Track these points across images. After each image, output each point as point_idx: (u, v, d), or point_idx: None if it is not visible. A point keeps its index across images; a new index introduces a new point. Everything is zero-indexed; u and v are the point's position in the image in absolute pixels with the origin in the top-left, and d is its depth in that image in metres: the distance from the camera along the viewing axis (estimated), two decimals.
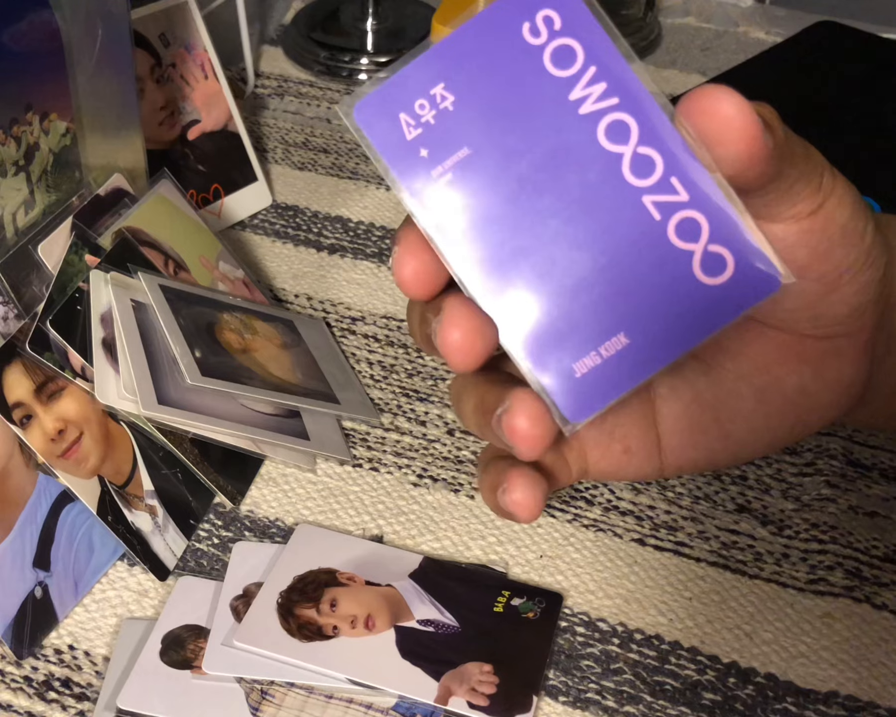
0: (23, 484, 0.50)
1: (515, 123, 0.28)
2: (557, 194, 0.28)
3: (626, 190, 0.28)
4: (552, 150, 0.28)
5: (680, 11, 1.02)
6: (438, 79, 0.29)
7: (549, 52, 0.28)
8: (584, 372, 0.29)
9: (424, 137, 0.29)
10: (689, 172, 0.28)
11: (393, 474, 0.58)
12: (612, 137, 0.28)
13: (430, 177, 0.29)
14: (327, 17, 0.96)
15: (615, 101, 0.28)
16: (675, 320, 0.29)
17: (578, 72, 0.28)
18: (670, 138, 0.28)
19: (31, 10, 0.52)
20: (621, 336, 0.29)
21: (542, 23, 0.28)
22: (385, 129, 0.29)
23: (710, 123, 0.28)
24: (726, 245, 0.28)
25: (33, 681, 0.48)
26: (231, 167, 0.75)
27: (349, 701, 0.47)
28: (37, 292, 0.54)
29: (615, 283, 0.29)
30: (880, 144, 0.79)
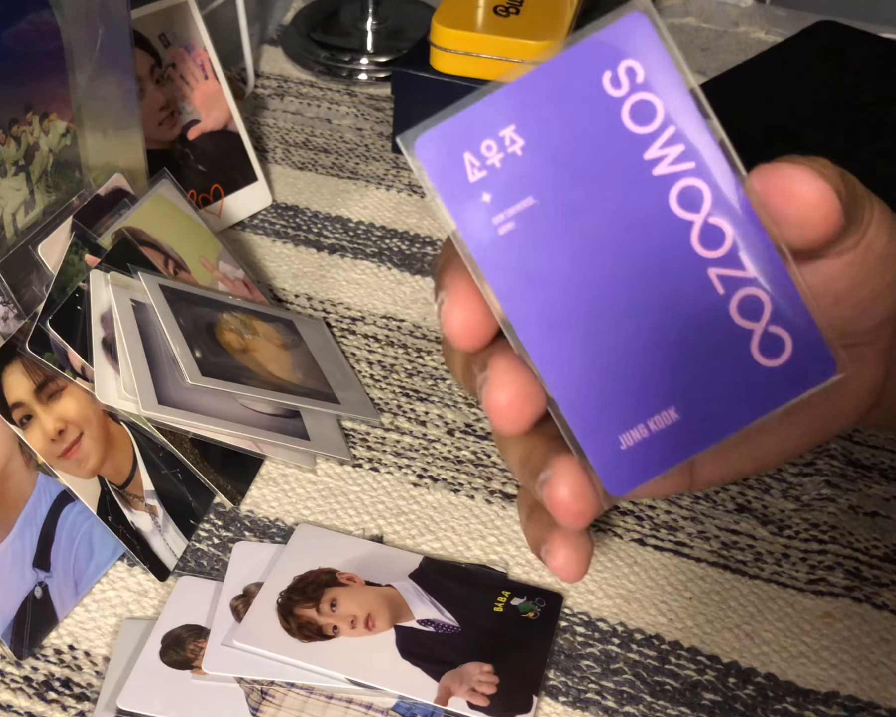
0: (23, 484, 0.50)
1: (586, 177, 0.27)
2: (621, 256, 0.27)
3: (693, 260, 0.27)
4: (621, 209, 0.27)
5: (680, 11, 1.02)
6: (510, 120, 0.27)
7: (628, 106, 0.27)
8: (630, 445, 0.28)
9: (489, 180, 0.27)
10: (758, 248, 0.27)
11: (393, 474, 0.58)
12: (685, 203, 0.27)
13: (491, 224, 0.27)
14: (327, 17, 0.96)
15: (691, 166, 0.27)
16: (726, 399, 0.28)
17: (657, 130, 0.27)
18: (743, 210, 0.27)
19: (31, 10, 0.52)
20: (671, 411, 0.28)
21: (625, 74, 0.27)
22: (447, 167, 0.27)
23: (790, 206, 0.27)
24: (787, 328, 0.27)
25: (33, 681, 0.48)
26: (231, 167, 0.75)
27: (349, 701, 0.47)
28: (37, 292, 0.54)
29: (671, 355, 0.28)
30: (880, 143, 0.79)
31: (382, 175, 0.79)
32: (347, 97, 0.88)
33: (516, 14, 0.79)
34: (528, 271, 0.27)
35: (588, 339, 0.28)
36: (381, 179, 0.79)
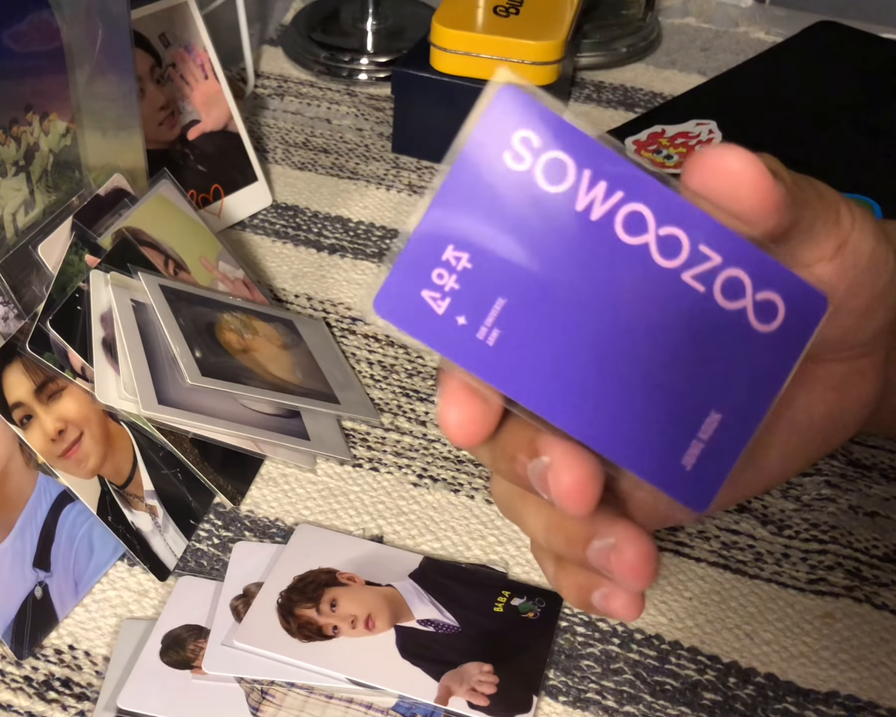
0: (23, 484, 0.50)
1: (536, 254, 0.27)
2: (603, 304, 0.28)
3: (663, 275, 0.28)
4: (581, 264, 0.27)
5: (680, 11, 1.02)
6: (445, 242, 0.27)
7: (539, 173, 0.27)
8: (694, 462, 0.29)
9: (455, 304, 0.27)
10: (714, 234, 0.28)
11: (393, 474, 0.58)
12: (631, 230, 0.27)
13: (478, 341, 0.28)
14: (327, 17, 0.96)
15: (620, 196, 0.27)
16: (752, 377, 0.29)
17: (575, 181, 0.27)
18: (684, 209, 0.28)
19: (31, 10, 0.52)
20: (713, 414, 0.29)
21: (521, 145, 0.27)
22: (412, 312, 0.27)
23: (720, 181, 0.28)
24: (771, 288, 0.28)
25: (33, 681, 0.48)
26: (231, 167, 0.75)
27: (349, 701, 0.47)
28: (37, 292, 0.54)
29: (687, 367, 0.28)
30: (880, 144, 0.79)
31: (382, 175, 0.79)
32: (347, 97, 0.88)
33: (516, 14, 0.79)
34: (532, 362, 0.28)
35: (612, 390, 0.28)
36: (381, 179, 0.79)
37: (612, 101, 0.89)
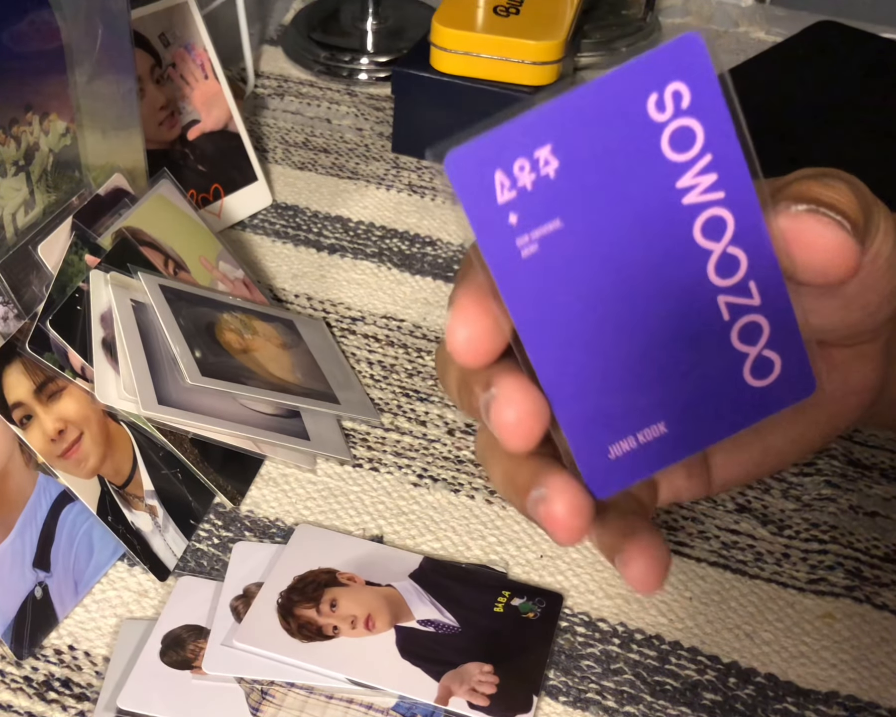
0: (23, 484, 0.50)
1: (616, 203, 0.27)
2: (638, 280, 0.28)
3: (705, 287, 0.28)
4: (645, 235, 0.27)
5: (680, 11, 1.02)
6: (547, 139, 0.26)
7: (669, 132, 0.26)
8: (619, 454, 0.29)
9: (518, 201, 0.26)
10: (768, 279, 0.28)
11: (393, 474, 0.58)
12: (708, 232, 0.27)
13: (515, 246, 0.27)
14: (327, 17, 0.96)
15: (720, 196, 0.27)
16: (713, 414, 0.29)
17: (693, 158, 0.27)
18: (761, 242, 0.28)
19: (31, 10, 0.52)
20: (661, 425, 0.29)
21: (671, 98, 0.26)
22: (476, 186, 0.26)
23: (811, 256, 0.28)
24: (780, 351, 0.28)
25: (33, 681, 0.48)
26: (231, 167, 0.75)
27: (349, 701, 0.47)
28: (37, 292, 0.54)
29: (669, 374, 0.28)
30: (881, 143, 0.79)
31: (382, 175, 0.79)
32: (347, 97, 0.88)
33: (516, 14, 0.79)
34: (545, 294, 0.27)
35: (593, 356, 0.28)
36: (381, 179, 0.79)
37: None
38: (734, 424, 0.29)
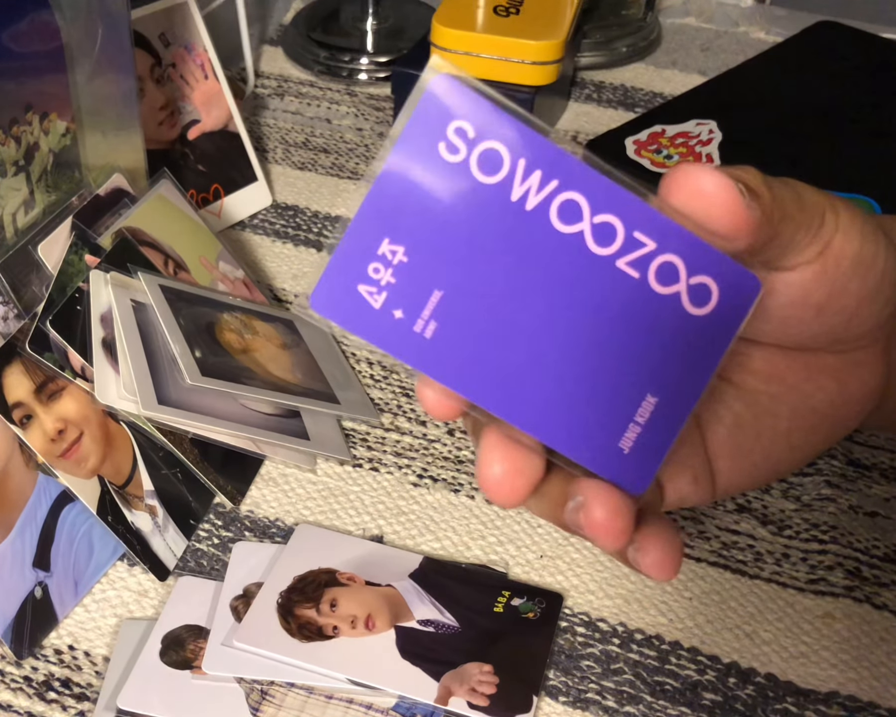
0: (23, 484, 0.50)
1: (472, 245, 0.27)
2: (538, 293, 0.28)
3: (598, 262, 0.28)
4: (516, 254, 0.28)
5: (680, 11, 1.02)
6: (380, 236, 0.27)
7: (474, 163, 0.27)
8: (631, 445, 0.29)
9: (392, 298, 0.27)
10: (649, 221, 0.28)
11: (393, 474, 0.58)
12: (566, 218, 0.28)
13: (415, 334, 0.28)
14: (327, 17, 0.96)
15: (556, 184, 0.27)
16: (687, 359, 0.29)
17: (510, 171, 0.27)
18: (618, 196, 0.28)
19: (31, 10, 0.52)
20: (649, 398, 0.29)
21: (456, 136, 0.27)
22: (349, 307, 0.28)
23: (695, 202, 0.28)
24: (705, 272, 0.28)
25: (33, 681, 0.48)
26: (231, 167, 0.75)
27: (349, 701, 0.47)
28: (37, 292, 0.54)
29: (623, 352, 0.29)
30: (880, 143, 0.79)
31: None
32: (347, 97, 0.88)
33: (516, 14, 0.79)
34: (468, 353, 0.28)
35: (546, 378, 0.28)
36: None
37: (612, 101, 0.89)
38: (710, 356, 0.29)
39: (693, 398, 0.29)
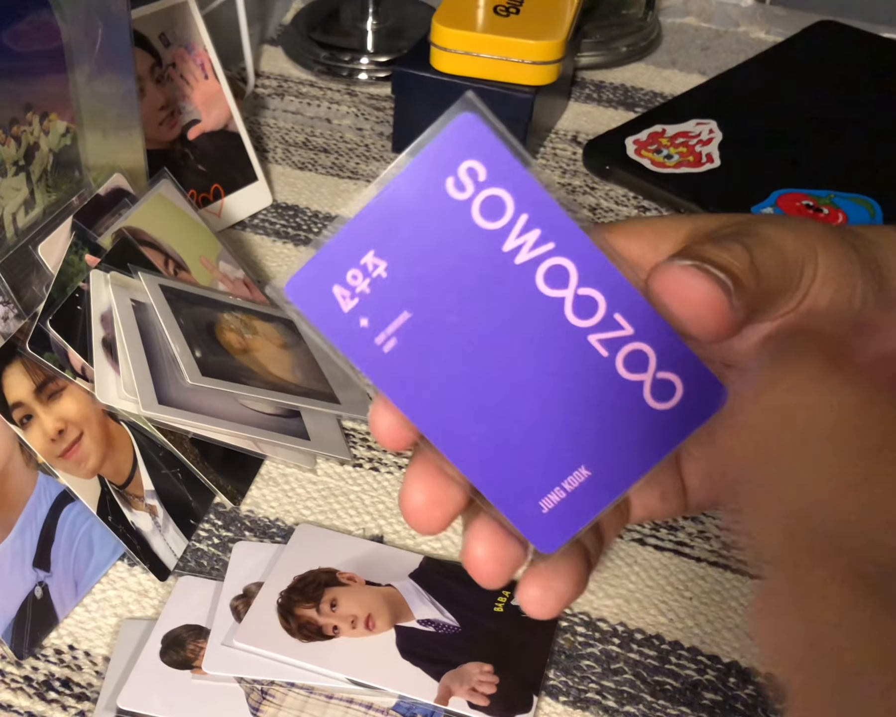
0: (23, 484, 0.50)
1: (451, 280, 0.28)
2: (504, 344, 0.28)
3: (571, 332, 0.28)
4: (492, 302, 0.28)
5: (680, 11, 1.02)
6: (367, 247, 0.28)
7: (477, 206, 0.27)
8: (551, 507, 0.30)
9: (362, 306, 0.28)
10: (632, 307, 0.28)
11: (393, 474, 0.58)
12: (552, 282, 0.28)
13: (374, 345, 0.28)
14: (327, 17, 0.96)
15: (551, 247, 0.28)
16: (632, 447, 0.29)
17: (510, 221, 0.27)
18: (609, 276, 0.28)
19: (31, 10, 0.52)
20: (582, 469, 0.29)
21: (467, 175, 0.27)
22: (320, 303, 0.28)
23: (681, 307, 0.28)
24: (674, 370, 0.29)
25: (33, 681, 0.48)
26: (231, 167, 0.75)
27: (349, 701, 0.47)
28: (37, 292, 0.54)
29: (571, 420, 0.29)
30: (880, 144, 0.79)
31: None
32: (347, 97, 0.88)
33: (516, 14, 0.79)
34: (421, 378, 0.28)
35: (491, 424, 0.29)
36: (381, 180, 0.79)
37: (612, 100, 0.89)
38: (657, 450, 0.29)
39: (626, 483, 0.30)
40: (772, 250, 0.30)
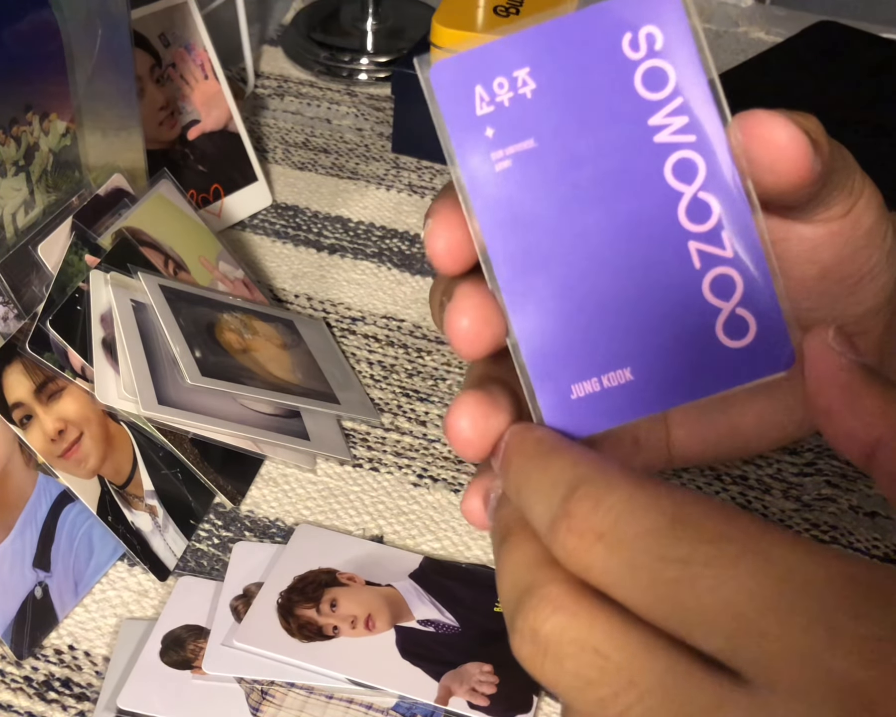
0: (23, 484, 0.50)
1: (589, 131, 0.28)
2: (608, 213, 0.28)
3: (676, 230, 0.28)
4: (617, 168, 0.28)
5: None
6: (526, 62, 0.27)
7: (642, 70, 0.27)
8: (580, 395, 0.28)
9: (495, 116, 0.28)
10: (743, 231, 0.28)
11: (393, 474, 0.58)
12: (679, 174, 0.28)
13: (489, 158, 0.28)
14: (327, 17, 0.96)
15: (692, 139, 0.27)
16: (682, 370, 0.28)
17: (665, 98, 0.27)
18: (732, 192, 0.28)
19: (31, 10, 0.52)
20: (626, 371, 0.28)
21: (644, 39, 0.27)
22: (457, 96, 0.28)
23: (763, 150, 0.28)
24: (754, 313, 0.28)
25: (33, 681, 0.48)
26: (231, 167, 0.75)
27: (349, 701, 0.47)
28: (37, 292, 0.54)
29: (636, 317, 0.28)
30: (880, 144, 0.79)
31: (382, 175, 0.79)
32: (347, 97, 0.88)
33: (516, 14, 0.79)
34: (515, 211, 0.28)
35: (559, 286, 0.28)
36: (381, 179, 0.79)
37: None
38: (705, 385, 0.28)
39: (658, 407, 0.28)
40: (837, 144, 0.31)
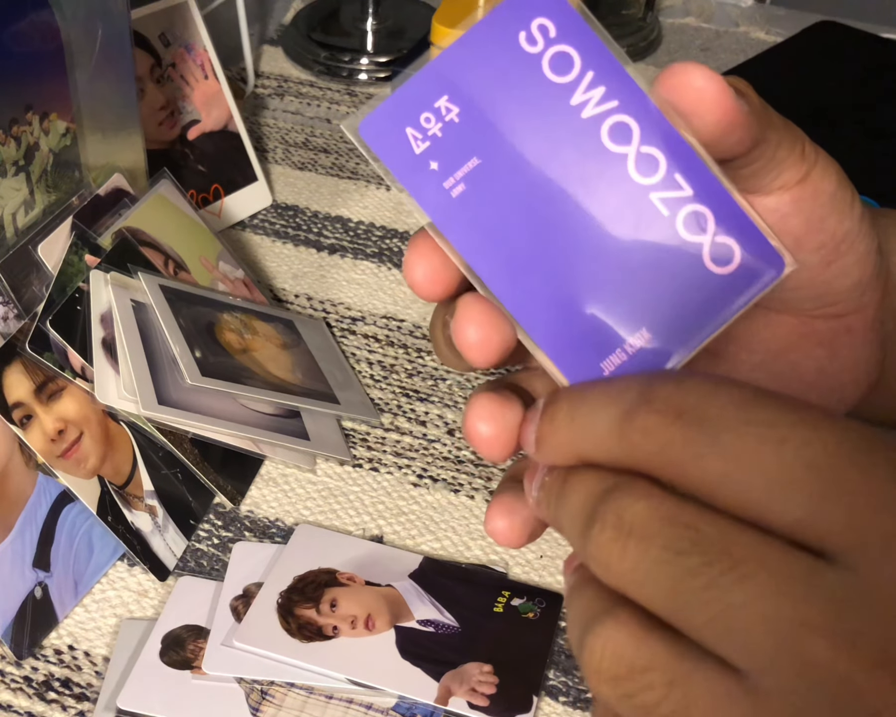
0: (23, 484, 0.50)
1: (521, 130, 0.29)
2: (569, 196, 0.29)
3: (635, 188, 0.29)
4: (559, 154, 0.29)
5: (680, 11, 1.02)
6: (441, 91, 0.29)
7: (546, 60, 0.29)
8: (612, 369, 0.29)
9: (433, 149, 0.29)
10: (691, 168, 0.29)
11: (393, 474, 0.58)
12: (616, 138, 0.29)
13: (443, 189, 0.29)
14: (327, 17, 0.96)
15: (615, 104, 0.29)
16: (691, 311, 0.29)
17: (577, 77, 0.29)
18: (670, 136, 0.29)
19: (31, 10, 0.52)
20: (644, 331, 0.29)
21: (538, 31, 0.29)
22: (392, 144, 0.29)
23: (684, 97, 0.29)
24: (732, 235, 0.29)
25: (33, 681, 0.48)
26: (231, 167, 0.75)
27: (349, 702, 0.47)
28: (37, 292, 0.54)
29: (632, 279, 0.29)
30: (880, 144, 0.79)
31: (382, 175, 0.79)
32: (347, 97, 0.88)
33: None
34: (485, 226, 0.29)
35: (553, 278, 0.29)
36: (381, 179, 0.79)
37: None
38: (716, 317, 0.29)
39: (684, 351, 0.30)
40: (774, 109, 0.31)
